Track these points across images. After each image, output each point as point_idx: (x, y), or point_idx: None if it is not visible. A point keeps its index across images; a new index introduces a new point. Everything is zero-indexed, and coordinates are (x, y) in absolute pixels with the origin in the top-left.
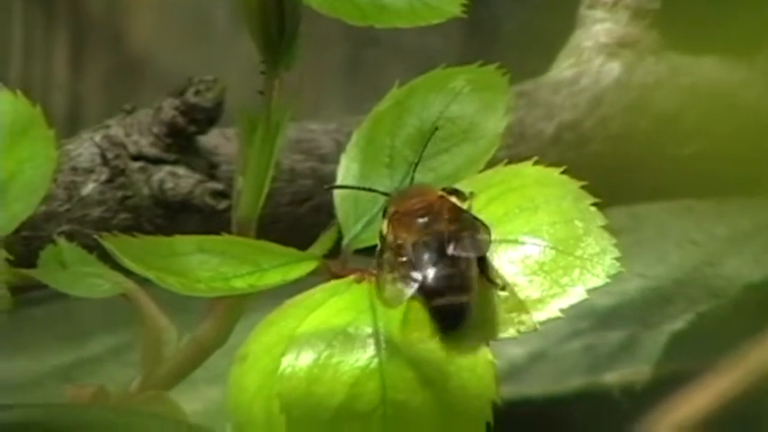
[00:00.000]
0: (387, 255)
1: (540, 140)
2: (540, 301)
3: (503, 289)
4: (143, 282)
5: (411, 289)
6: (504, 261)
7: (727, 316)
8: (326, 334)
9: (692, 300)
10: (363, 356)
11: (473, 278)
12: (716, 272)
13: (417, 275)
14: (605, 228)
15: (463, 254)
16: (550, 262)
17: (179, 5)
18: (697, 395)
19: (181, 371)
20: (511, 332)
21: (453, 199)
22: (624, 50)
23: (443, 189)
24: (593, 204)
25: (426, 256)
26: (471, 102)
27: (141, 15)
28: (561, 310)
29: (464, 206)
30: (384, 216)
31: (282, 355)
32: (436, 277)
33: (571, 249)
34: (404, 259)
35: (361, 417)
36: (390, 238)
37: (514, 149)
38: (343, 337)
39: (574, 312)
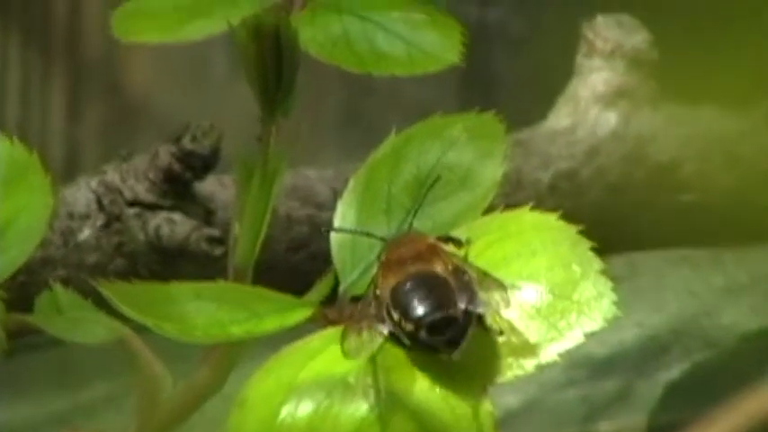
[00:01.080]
0: (365, 303)
1: (536, 189)
2: (537, 345)
3: (500, 334)
4: (139, 328)
5: (375, 342)
6: (509, 304)
7: (723, 366)
8: (326, 383)
9: (688, 349)
10: (363, 407)
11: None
12: (713, 322)
13: (384, 328)
14: (602, 272)
15: (469, 307)
16: (548, 306)
17: (177, 52)
18: None
19: (176, 417)
20: (509, 377)
21: (449, 246)
22: (621, 100)
23: (438, 237)
24: (591, 249)
25: (407, 302)
26: (468, 149)
27: (139, 62)
28: (559, 355)
29: (460, 253)
30: (378, 264)
31: (281, 403)
32: (414, 312)
33: (568, 293)
34: (375, 311)
35: None
36: (379, 285)
37: (512, 198)
38: (342, 387)
39: (570, 361)
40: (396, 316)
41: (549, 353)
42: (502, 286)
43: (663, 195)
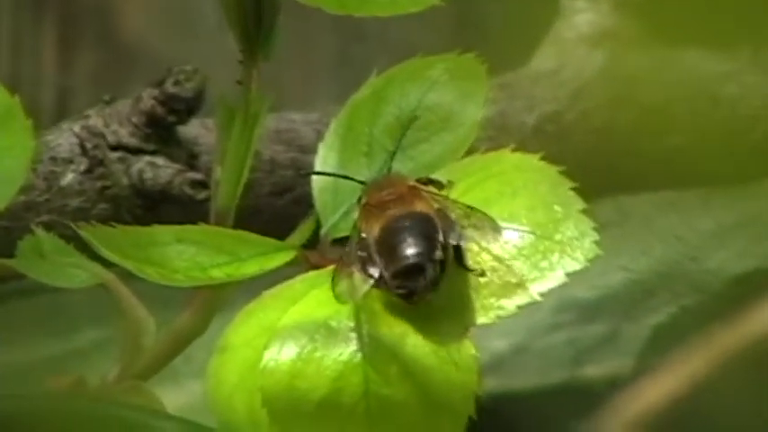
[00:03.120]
0: (351, 247)
1: (521, 132)
2: (519, 285)
3: (481, 275)
4: (125, 275)
5: (366, 286)
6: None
7: (710, 309)
8: (309, 327)
9: (675, 293)
10: (347, 351)
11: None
12: (699, 266)
13: (375, 271)
14: (584, 212)
15: (457, 241)
16: (529, 246)
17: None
18: (664, 380)
19: (159, 361)
20: (491, 317)
21: (429, 188)
22: (607, 41)
23: (419, 179)
24: (573, 189)
25: (389, 249)
26: (449, 90)
27: (130, 9)
28: (541, 294)
29: (441, 194)
30: (358, 207)
31: (264, 347)
32: (396, 270)
33: (550, 233)
34: (363, 254)
35: (344, 411)
36: (359, 229)
37: (496, 141)
38: (325, 331)
39: (557, 305)
40: (382, 259)
41: (531, 293)
42: (489, 219)
43: (649, 138)
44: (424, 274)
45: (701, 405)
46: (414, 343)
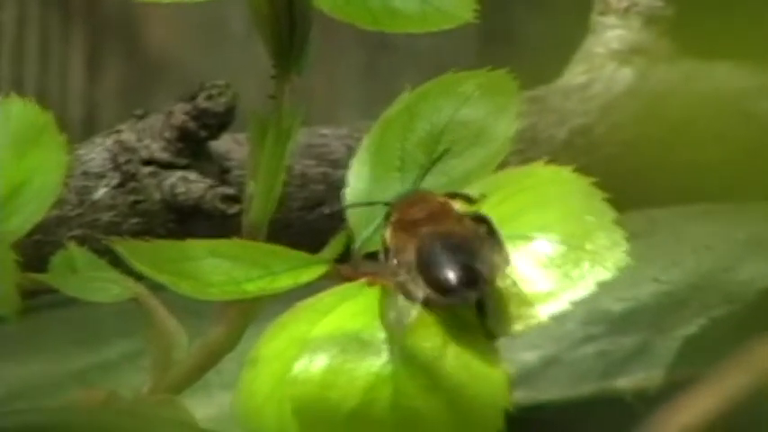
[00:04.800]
0: (393, 268)
1: (551, 145)
2: (550, 294)
3: (513, 285)
4: (155, 287)
5: (414, 311)
6: (513, 257)
7: (741, 321)
8: (340, 339)
9: (706, 305)
10: (377, 363)
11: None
12: (731, 277)
13: (419, 293)
14: (616, 222)
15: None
16: (560, 256)
17: (195, 12)
18: (703, 396)
19: (191, 375)
20: (521, 327)
21: (458, 203)
22: (636, 57)
23: (447, 194)
24: (604, 200)
25: (431, 264)
26: (482, 106)
27: (158, 22)
28: (571, 303)
29: (471, 209)
30: (386, 224)
31: (294, 359)
32: (441, 279)
33: (581, 243)
34: (403, 276)
35: (373, 422)
36: (395, 249)
37: (526, 154)
38: (356, 343)
39: (587, 317)
40: (424, 280)
41: (562, 302)
42: (502, 248)
43: (679, 152)
44: (473, 293)
45: (740, 424)
46: (444, 356)
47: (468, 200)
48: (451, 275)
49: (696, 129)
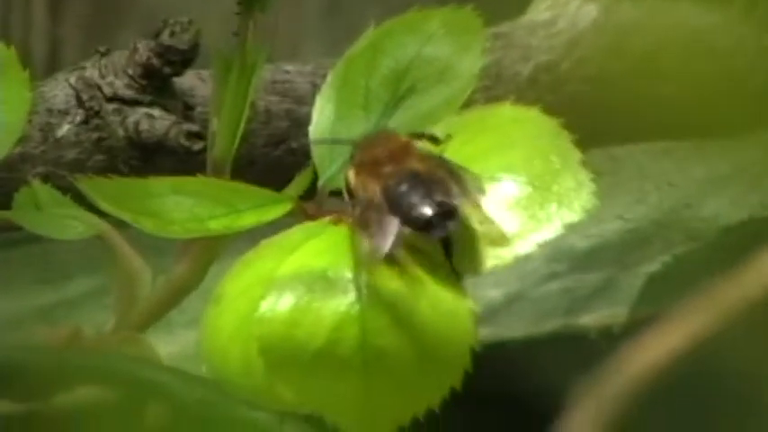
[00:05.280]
0: (359, 209)
1: (516, 82)
2: (517, 235)
3: (480, 224)
4: (120, 225)
5: (388, 242)
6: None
7: (704, 258)
8: (306, 278)
9: (669, 242)
10: (344, 302)
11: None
12: (693, 213)
13: (392, 226)
14: (582, 163)
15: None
16: (527, 197)
17: None
18: (667, 333)
19: (155, 312)
20: (489, 266)
21: (423, 143)
22: None
23: (412, 134)
24: (570, 141)
25: (399, 201)
26: (446, 43)
27: None
28: (538, 245)
29: (437, 149)
30: (349, 165)
31: (260, 297)
32: (417, 215)
33: (548, 185)
34: (373, 215)
35: (340, 361)
36: (359, 189)
37: (491, 92)
38: (323, 282)
39: (551, 254)
40: (399, 217)
41: (529, 243)
42: (475, 178)
43: (643, 88)
44: (452, 222)
45: (704, 363)
46: (411, 295)
47: (434, 140)
48: (428, 210)
49: (659, 64)
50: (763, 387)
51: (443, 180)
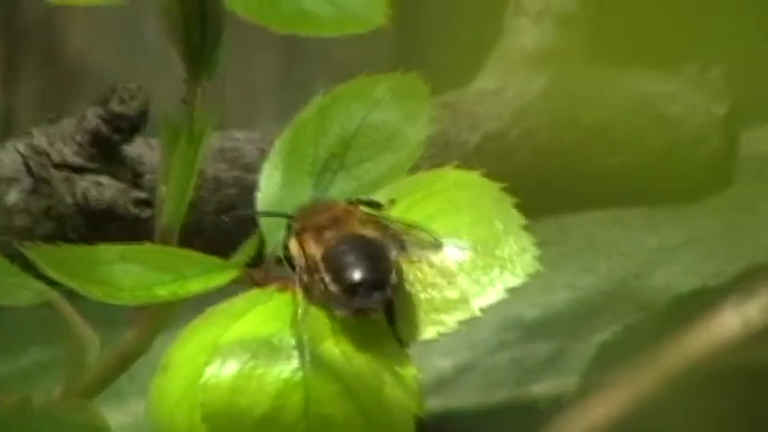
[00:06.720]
0: (304, 276)
1: (464, 151)
2: (460, 300)
3: (422, 292)
4: (71, 293)
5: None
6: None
7: (654, 328)
8: (251, 344)
9: (620, 311)
10: (288, 368)
11: (392, 275)
12: (644, 283)
13: (328, 295)
14: (525, 228)
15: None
16: (470, 262)
17: (111, 19)
18: (610, 397)
19: (104, 379)
20: (431, 333)
21: (365, 209)
22: (550, 61)
23: (354, 201)
24: (513, 206)
25: (338, 266)
26: (393, 109)
27: (74, 28)
28: (482, 310)
29: (380, 215)
30: (289, 234)
31: (205, 364)
32: (352, 282)
33: (491, 249)
34: (315, 279)
35: (284, 428)
36: (300, 256)
37: (438, 159)
38: (267, 348)
39: (502, 324)
40: (329, 282)
41: (472, 308)
42: (429, 234)
43: (593, 157)
44: (380, 294)
45: (646, 425)
46: (356, 362)
47: (377, 206)
48: (357, 275)
49: (609, 134)
50: None
51: (384, 244)
